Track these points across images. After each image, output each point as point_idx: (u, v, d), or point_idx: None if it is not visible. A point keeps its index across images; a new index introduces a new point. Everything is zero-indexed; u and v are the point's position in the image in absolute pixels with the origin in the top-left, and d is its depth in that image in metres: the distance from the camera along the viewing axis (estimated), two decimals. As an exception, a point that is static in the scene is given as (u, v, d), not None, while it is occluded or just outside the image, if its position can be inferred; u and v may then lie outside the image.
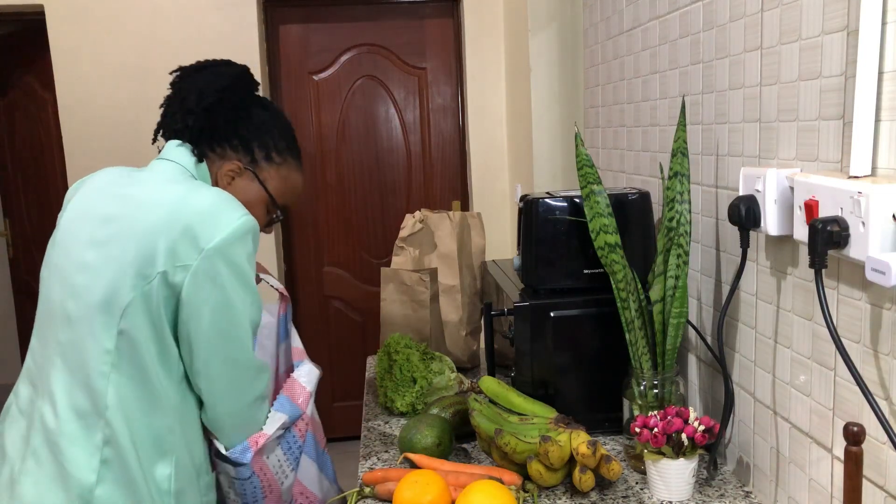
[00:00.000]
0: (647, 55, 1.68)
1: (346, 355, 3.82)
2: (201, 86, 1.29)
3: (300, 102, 3.62)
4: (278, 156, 1.34)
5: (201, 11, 3.35)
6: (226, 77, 1.31)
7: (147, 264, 1.15)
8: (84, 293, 1.17)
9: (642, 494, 1.29)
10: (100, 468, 1.15)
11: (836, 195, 0.93)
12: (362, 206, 3.72)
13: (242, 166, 1.31)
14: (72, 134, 3.39)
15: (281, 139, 1.35)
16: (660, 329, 1.39)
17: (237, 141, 1.31)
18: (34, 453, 1.18)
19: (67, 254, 1.22)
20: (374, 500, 1.32)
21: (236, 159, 1.31)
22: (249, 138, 1.32)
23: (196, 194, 1.18)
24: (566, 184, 2.71)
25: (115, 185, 1.24)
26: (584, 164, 1.44)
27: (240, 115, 1.32)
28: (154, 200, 1.18)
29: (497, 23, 3.49)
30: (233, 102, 1.31)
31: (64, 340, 1.19)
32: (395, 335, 1.81)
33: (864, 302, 0.95)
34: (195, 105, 1.27)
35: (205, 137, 1.29)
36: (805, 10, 1.05)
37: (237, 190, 1.31)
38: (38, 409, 1.20)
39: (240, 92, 1.33)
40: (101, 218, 1.20)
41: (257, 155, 1.32)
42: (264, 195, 1.34)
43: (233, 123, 1.31)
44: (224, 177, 1.31)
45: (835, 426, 1.04)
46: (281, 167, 1.35)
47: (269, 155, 1.33)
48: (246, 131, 1.31)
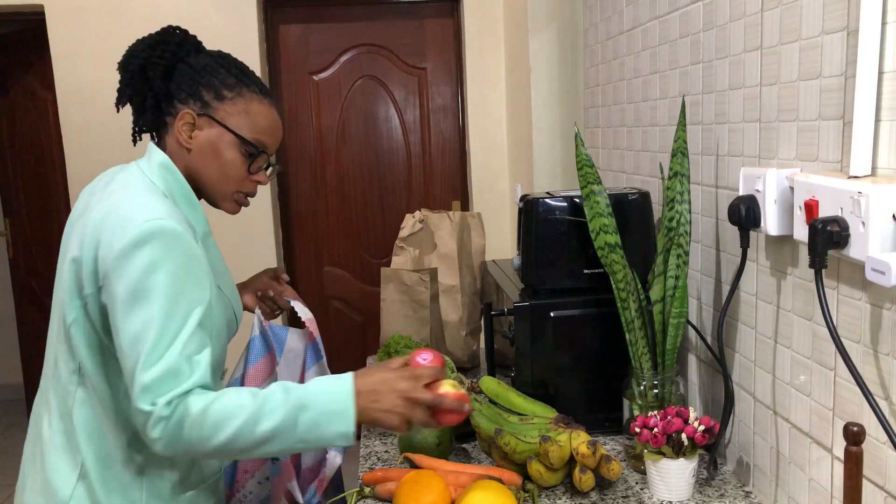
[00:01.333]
0: (647, 55, 1.68)
1: (346, 355, 3.82)
2: (129, 53, 1.23)
3: (300, 102, 3.62)
4: (230, 91, 1.22)
5: (201, 11, 3.35)
6: (152, 36, 1.23)
7: (80, 283, 1.12)
8: (57, 309, 1.19)
9: (642, 494, 1.29)
10: (76, 484, 1.16)
11: (836, 195, 0.93)
12: (362, 206, 3.72)
13: (195, 113, 1.20)
14: (72, 134, 3.39)
15: (229, 75, 1.22)
16: (660, 329, 1.39)
17: (184, 93, 1.21)
18: (34, 461, 1.21)
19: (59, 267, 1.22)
20: (374, 500, 1.32)
21: (187, 110, 1.20)
22: (195, 84, 1.21)
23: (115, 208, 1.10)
24: (566, 184, 2.71)
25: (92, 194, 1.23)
26: (584, 164, 1.43)
27: (177, 65, 1.22)
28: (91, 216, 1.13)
29: (497, 23, 3.49)
30: (166, 56, 1.22)
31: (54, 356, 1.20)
32: (395, 335, 1.81)
33: (864, 302, 0.95)
34: (125, 67, 1.21)
35: (152, 103, 1.22)
36: (805, 10, 1.05)
37: (200, 141, 1.21)
38: (40, 417, 1.22)
39: (171, 46, 1.23)
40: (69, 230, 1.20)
41: (206, 97, 1.21)
42: (231, 137, 1.21)
43: (180, 79, 1.21)
44: (182, 132, 1.20)
45: (835, 426, 1.04)
46: (237, 101, 1.22)
47: (219, 94, 1.21)
48: (188, 78, 1.21)
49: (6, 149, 4.09)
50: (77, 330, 1.13)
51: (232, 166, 1.22)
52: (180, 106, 1.21)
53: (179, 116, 1.20)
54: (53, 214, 3.91)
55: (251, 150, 1.23)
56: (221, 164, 1.22)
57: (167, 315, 1.06)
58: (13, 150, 4.05)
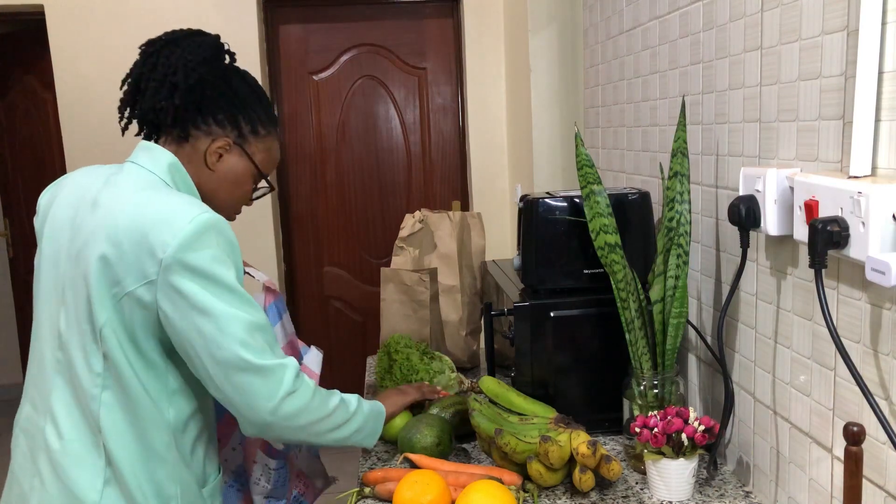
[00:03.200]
0: (647, 55, 1.68)
1: (346, 355, 3.82)
2: (185, 60, 1.22)
3: (300, 102, 3.62)
4: (263, 128, 1.30)
5: (201, 11, 3.35)
6: (206, 48, 1.25)
7: (114, 283, 1.11)
8: (72, 311, 1.16)
9: (642, 494, 1.29)
10: (103, 488, 1.15)
11: (836, 195, 0.93)
12: (362, 206, 3.72)
13: (232, 142, 1.27)
14: (72, 134, 3.39)
15: (263, 110, 1.31)
16: (660, 329, 1.39)
17: (223, 115, 1.26)
18: (39, 474, 1.18)
19: (57, 269, 1.20)
20: (374, 500, 1.32)
21: (224, 136, 1.26)
22: (235, 112, 1.27)
23: (151, 204, 1.14)
24: (566, 184, 2.71)
25: (88, 191, 1.21)
26: (584, 164, 1.43)
27: (223, 88, 1.27)
28: (116, 213, 1.14)
29: (497, 23, 3.49)
30: (215, 75, 1.25)
31: (61, 359, 1.18)
32: (395, 335, 1.81)
33: (864, 302, 0.95)
34: (183, 81, 1.21)
35: (190, 114, 1.24)
36: (805, 10, 1.05)
37: (226, 167, 1.27)
38: (40, 428, 1.20)
39: (221, 63, 1.28)
40: (76, 230, 1.18)
41: (244, 129, 1.28)
42: (252, 169, 1.30)
43: (218, 98, 1.26)
44: (213, 154, 1.26)
45: (835, 426, 1.04)
46: (266, 139, 1.31)
47: (255, 129, 1.29)
48: (231, 105, 1.26)
49: (6, 149, 4.09)
50: (111, 330, 1.13)
51: (242, 192, 1.33)
52: (217, 129, 1.26)
53: (216, 139, 1.26)
54: (53, 214, 3.90)
55: (262, 185, 1.37)
56: (237, 190, 1.31)
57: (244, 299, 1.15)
58: (13, 150, 4.06)
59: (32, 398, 1.23)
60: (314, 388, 1.22)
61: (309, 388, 1.20)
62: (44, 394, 1.20)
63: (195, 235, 1.11)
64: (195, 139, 1.25)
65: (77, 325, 1.15)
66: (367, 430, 1.33)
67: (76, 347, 1.16)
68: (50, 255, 1.21)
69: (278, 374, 1.15)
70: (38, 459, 1.19)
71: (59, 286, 1.19)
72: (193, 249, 1.11)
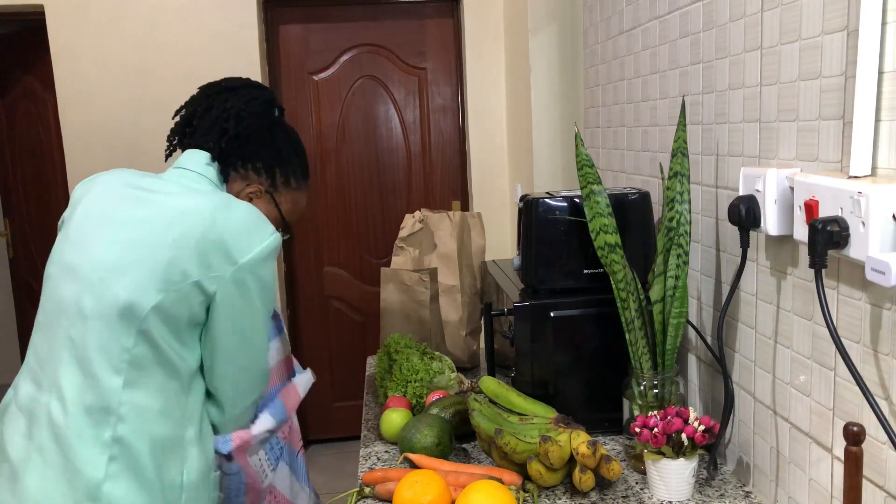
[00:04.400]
0: (647, 55, 1.68)
1: (346, 355, 3.82)
2: (238, 109, 1.34)
3: (300, 102, 3.62)
4: (295, 181, 1.42)
5: (201, 11, 3.35)
6: (259, 102, 1.37)
7: (176, 271, 1.17)
8: (104, 291, 1.18)
9: (642, 494, 1.29)
10: (108, 464, 1.16)
11: (836, 195, 0.93)
12: (362, 206, 3.72)
13: (264, 189, 1.38)
14: (72, 134, 3.39)
15: (299, 165, 1.42)
16: (660, 329, 1.39)
17: (261, 164, 1.37)
18: (39, 449, 1.18)
19: (84, 252, 1.22)
20: (374, 500, 1.32)
21: (258, 183, 1.37)
22: (273, 164, 1.38)
23: (229, 208, 1.22)
24: (566, 184, 2.71)
25: (136, 189, 1.26)
26: (584, 164, 1.44)
27: (268, 140, 1.37)
28: (186, 208, 1.21)
29: (497, 23, 3.49)
30: (263, 127, 1.37)
31: (76, 336, 1.19)
32: (395, 335, 1.81)
33: (864, 302, 0.95)
34: (233, 129, 1.32)
35: (232, 159, 1.34)
36: (805, 10, 1.05)
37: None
38: (44, 404, 1.20)
39: (271, 117, 1.39)
40: (125, 220, 1.21)
41: (278, 180, 1.39)
42: (277, 216, 1.41)
43: (261, 148, 1.36)
44: (244, 197, 1.37)
45: (835, 426, 1.04)
46: (296, 192, 1.43)
47: (288, 181, 1.40)
48: (271, 157, 1.37)
49: (6, 149, 4.09)
50: (163, 313, 1.18)
51: None
52: (253, 175, 1.37)
53: (250, 184, 1.37)
54: (53, 214, 3.90)
55: (284, 231, 1.42)
56: None
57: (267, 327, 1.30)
58: (13, 150, 4.06)
59: (36, 376, 1.23)
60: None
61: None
62: (50, 370, 1.21)
63: (270, 250, 1.23)
64: (232, 181, 1.36)
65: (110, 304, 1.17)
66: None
67: (102, 323, 1.17)
68: (79, 240, 1.23)
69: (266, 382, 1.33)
70: (36, 433, 1.19)
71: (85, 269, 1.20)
72: (266, 262, 1.24)
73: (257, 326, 1.26)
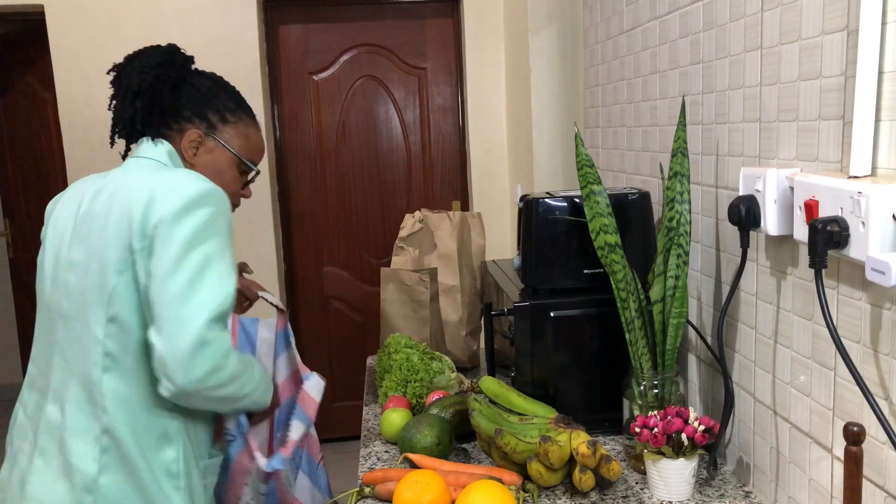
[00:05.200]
0: (647, 55, 1.68)
1: (346, 355, 3.82)
2: (139, 69, 1.30)
3: (300, 102, 3.62)
4: (232, 115, 1.37)
5: (201, 11, 3.35)
6: (159, 54, 1.33)
7: (124, 247, 1.17)
8: (75, 290, 1.21)
9: (642, 494, 1.29)
10: (101, 457, 1.18)
11: (836, 195, 0.93)
12: (362, 206, 3.72)
13: (202, 133, 1.34)
14: (72, 134, 3.39)
15: (229, 100, 1.38)
16: (660, 329, 1.39)
17: (189, 111, 1.33)
18: (41, 452, 1.22)
19: (57, 257, 1.26)
20: (374, 500, 1.32)
21: (194, 129, 1.34)
22: (200, 105, 1.34)
23: (165, 175, 1.21)
24: (566, 184, 2.71)
25: (91, 186, 1.28)
26: (584, 164, 1.44)
27: (183, 86, 1.34)
28: (128, 188, 1.21)
29: (497, 23, 3.49)
30: (173, 76, 1.33)
31: (61, 338, 1.22)
32: (395, 335, 1.81)
33: (864, 302, 0.95)
34: (138, 86, 1.29)
35: (157, 117, 1.32)
36: (805, 10, 1.05)
37: (205, 159, 1.35)
38: (46, 411, 1.23)
39: (177, 66, 1.34)
40: (82, 217, 1.24)
41: (212, 119, 1.35)
42: (232, 156, 1.37)
43: (180, 95, 1.33)
44: (188, 149, 1.33)
45: (835, 426, 1.04)
46: (238, 125, 1.37)
47: (223, 117, 1.36)
48: (195, 100, 1.34)
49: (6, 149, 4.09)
50: (122, 293, 1.17)
51: (230, 182, 1.38)
52: (186, 124, 1.33)
53: (187, 135, 1.33)
54: (53, 214, 3.90)
55: (247, 169, 1.40)
56: (222, 180, 1.36)
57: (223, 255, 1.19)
58: (13, 150, 4.05)
59: (38, 385, 1.27)
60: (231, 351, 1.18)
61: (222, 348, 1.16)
62: (47, 376, 1.24)
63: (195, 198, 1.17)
64: (171, 140, 1.33)
65: (80, 299, 1.20)
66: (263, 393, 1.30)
67: (78, 320, 1.20)
68: (52, 249, 1.27)
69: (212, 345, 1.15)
70: (40, 439, 1.22)
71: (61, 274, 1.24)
72: (191, 210, 1.17)
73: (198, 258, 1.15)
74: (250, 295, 1.55)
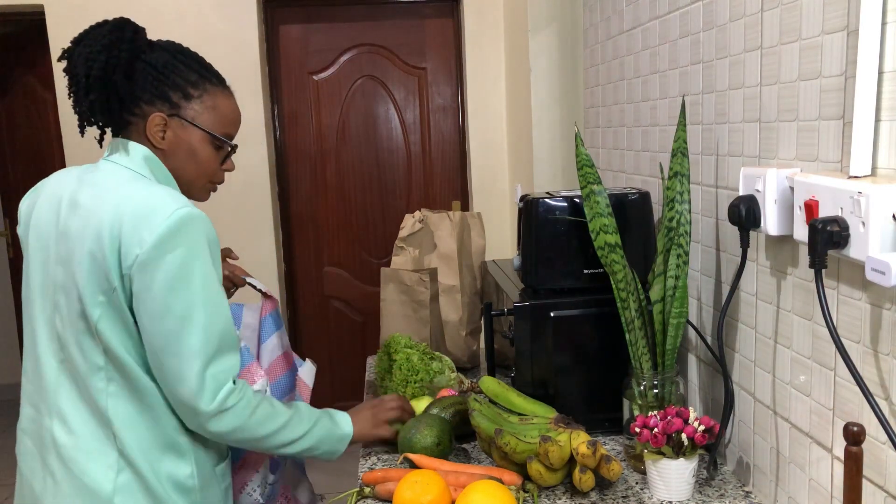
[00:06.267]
0: (647, 55, 1.68)
1: (346, 355, 3.82)
2: (85, 54, 1.19)
3: (300, 102, 3.62)
4: (195, 88, 1.25)
5: (201, 11, 3.35)
6: (105, 34, 1.20)
7: (103, 279, 1.13)
8: (66, 312, 1.18)
9: (642, 494, 1.29)
10: (116, 478, 1.17)
11: (836, 195, 0.93)
12: (362, 206, 3.72)
13: (165, 115, 1.22)
14: (72, 134, 3.39)
15: (190, 72, 1.25)
16: (660, 329, 1.39)
17: (148, 94, 1.22)
18: (52, 473, 1.20)
19: (45, 272, 1.22)
20: (374, 500, 1.32)
21: (157, 111, 1.22)
22: (158, 84, 1.22)
23: (129, 199, 1.14)
24: (566, 184, 2.71)
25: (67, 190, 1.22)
26: (584, 164, 1.43)
27: (137, 65, 1.22)
28: (97, 210, 1.15)
29: (497, 23, 3.49)
30: (125, 57, 1.20)
31: (63, 359, 1.20)
32: (395, 335, 1.81)
33: (864, 302, 0.95)
34: (87, 75, 1.18)
35: (115, 106, 1.21)
36: (805, 10, 1.05)
37: (175, 141, 1.24)
38: (47, 428, 1.21)
39: (126, 43, 1.21)
40: (62, 233, 1.19)
41: (174, 97, 1.23)
42: (203, 134, 1.25)
43: (134, 78, 1.21)
44: (155, 135, 1.23)
45: (835, 426, 1.04)
46: (203, 99, 1.25)
47: (185, 92, 1.24)
48: (151, 79, 1.22)
49: (6, 149, 4.09)
50: (107, 325, 1.14)
51: (207, 161, 1.27)
52: (147, 108, 1.22)
53: (150, 120, 1.22)
54: (53, 214, 3.90)
55: (222, 144, 1.29)
56: (197, 160, 1.26)
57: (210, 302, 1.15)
58: (13, 150, 4.05)
59: (33, 400, 1.25)
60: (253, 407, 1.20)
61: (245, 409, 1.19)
62: (46, 394, 1.22)
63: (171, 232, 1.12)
64: (136, 126, 1.23)
65: (72, 324, 1.17)
66: (322, 449, 1.32)
67: (74, 346, 1.18)
68: (38, 261, 1.23)
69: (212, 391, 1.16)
70: (47, 459, 1.21)
71: (50, 290, 1.21)
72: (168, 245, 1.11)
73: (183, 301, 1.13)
74: (237, 281, 1.55)
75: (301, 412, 1.29)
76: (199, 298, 1.14)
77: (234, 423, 1.18)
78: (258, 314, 1.48)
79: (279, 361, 1.47)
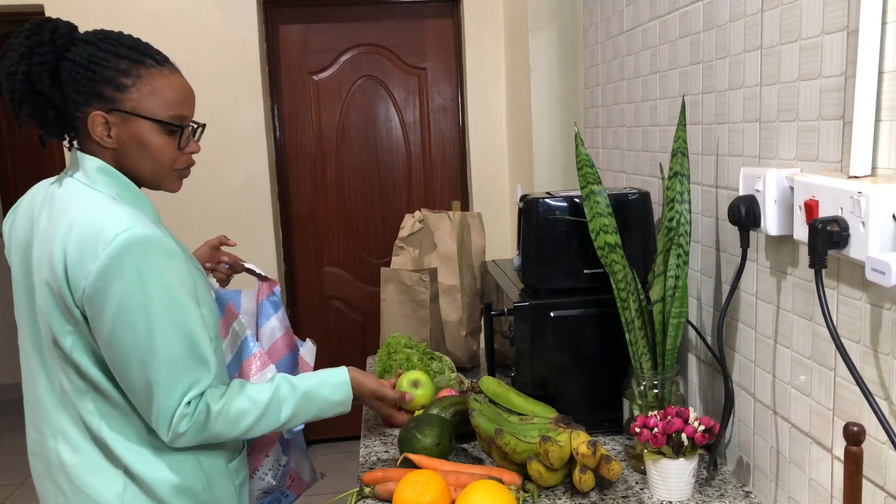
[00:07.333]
0: (647, 55, 1.68)
1: (346, 355, 3.82)
2: (6, 69, 1.12)
3: (300, 102, 3.62)
4: (127, 77, 1.14)
5: (201, 11, 3.35)
6: (23, 40, 1.13)
7: (64, 309, 1.12)
8: (46, 340, 1.18)
9: (642, 494, 1.29)
10: (123, 493, 1.17)
11: (836, 195, 0.93)
12: (362, 206, 3.72)
13: (104, 113, 1.14)
14: (72, 134, 3.39)
15: (119, 59, 1.14)
16: (660, 329, 1.39)
17: (81, 95, 1.13)
18: (63, 492, 1.21)
19: (28, 296, 1.21)
20: (374, 500, 1.32)
21: (96, 111, 1.13)
22: (88, 82, 1.13)
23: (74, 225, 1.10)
24: (566, 184, 2.71)
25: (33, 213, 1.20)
26: (584, 164, 1.43)
27: (63, 68, 1.13)
28: (50, 237, 1.12)
29: (497, 23, 3.49)
30: (47, 60, 1.12)
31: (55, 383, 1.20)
32: (395, 335, 1.81)
33: (864, 302, 0.95)
34: (11, 90, 1.12)
35: (52, 115, 1.15)
36: (805, 10, 1.05)
37: (123, 139, 1.16)
38: (52, 449, 1.21)
39: (46, 46, 1.13)
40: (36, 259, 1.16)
41: (107, 92, 1.13)
42: (150, 124, 1.16)
43: (61, 82, 1.13)
44: (100, 136, 1.15)
45: (835, 426, 1.04)
46: (139, 85, 1.15)
47: (117, 84, 1.14)
48: (79, 78, 1.13)
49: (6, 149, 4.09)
50: (80, 353, 1.14)
51: (162, 150, 1.18)
52: (86, 109, 1.14)
53: (90, 120, 1.14)
54: (53, 214, 3.90)
55: (174, 129, 1.18)
56: (151, 152, 1.17)
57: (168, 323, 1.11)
58: (13, 151, 4.06)
59: (34, 423, 1.25)
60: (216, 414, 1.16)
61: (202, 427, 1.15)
62: (47, 415, 1.22)
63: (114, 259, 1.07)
64: (81, 132, 1.17)
65: (52, 350, 1.18)
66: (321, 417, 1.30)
67: (60, 371, 1.18)
68: (21, 285, 1.22)
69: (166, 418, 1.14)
70: (57, 479, 1.21)
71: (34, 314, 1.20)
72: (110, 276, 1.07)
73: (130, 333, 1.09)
74: (237, 267, 1.56)
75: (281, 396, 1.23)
76: (146, 329, 1.09)
77: (197, 439, 1.16)
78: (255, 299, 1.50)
79: (280, 342, 1.49)
